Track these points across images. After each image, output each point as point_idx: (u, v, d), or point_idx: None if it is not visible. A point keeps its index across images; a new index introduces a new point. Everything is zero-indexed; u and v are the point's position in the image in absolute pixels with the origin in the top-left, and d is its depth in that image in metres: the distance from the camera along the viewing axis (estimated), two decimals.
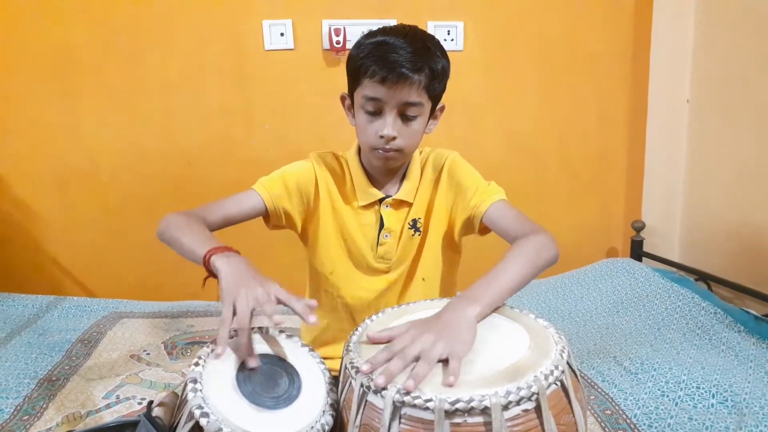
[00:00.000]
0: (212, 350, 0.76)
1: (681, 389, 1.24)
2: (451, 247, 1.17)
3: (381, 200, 1.11)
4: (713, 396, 1.21)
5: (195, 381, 0.69)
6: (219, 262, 0.84)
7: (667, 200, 2.23)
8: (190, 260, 0.91)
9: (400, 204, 1.12)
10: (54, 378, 1.33)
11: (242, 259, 0.86)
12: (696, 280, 1.97)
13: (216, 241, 0.90)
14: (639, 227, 2.20)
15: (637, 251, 2.21)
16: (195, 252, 0.89)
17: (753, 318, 1.56)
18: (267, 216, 1.10)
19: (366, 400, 0.71)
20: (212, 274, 0.86)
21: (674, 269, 2.09)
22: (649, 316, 1.69)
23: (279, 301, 0.79)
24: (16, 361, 1.39)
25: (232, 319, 0.76)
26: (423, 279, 1.14)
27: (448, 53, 1.04)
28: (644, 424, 1.14)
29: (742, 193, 1.91)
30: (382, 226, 1.12)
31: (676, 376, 1.29)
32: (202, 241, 0.90)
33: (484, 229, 1.09)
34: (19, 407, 1.19)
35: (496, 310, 0.87)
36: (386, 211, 1.11)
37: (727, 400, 1.19)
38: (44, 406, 1.20)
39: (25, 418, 1.15)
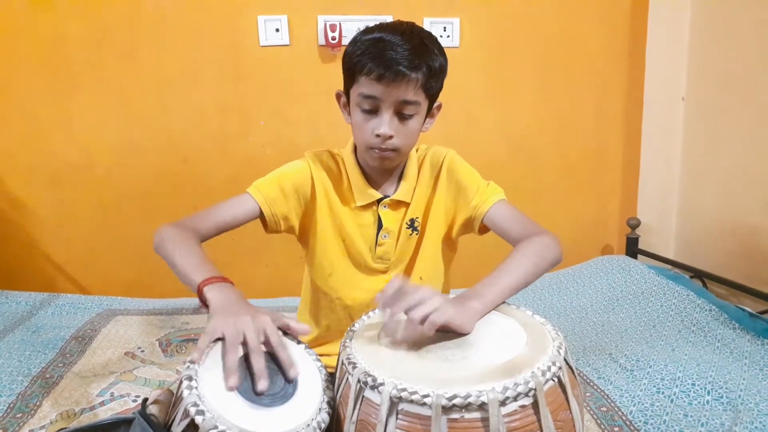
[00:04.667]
0: (209, 347, 0.75)
1: (676, 386, 1.24)
2: (448, 245, 1.17)
3: (379, 200, 1.11)
4: (709, 393, 1.21)
5: (190, 378, 0.69)
6: (211, 293, 0.83)
7: (662, 198, 2.24)
8: (184, 284, 0.89)
9: (398, 204, 1.11)
10: (48, 375, 1.32)
11: (234, 292, 0.84)
12: (691, 277, 1.97)
13: (210, 268, 0.88)
14: (634, 224, 2.21)
15: (632, 248, 2.22)
16: (190, 279, 0.87)
17: (748, 315, 1.56)
18: (264, 221, 1.09)
19: (363, 396, 0.71)
20: (204, 303, 0.84)
21: (669, 266, 2.10)
22: (644, 313, 1.70)
23: (266, 340, 0.76)
24: (10, 359, 1.38)
25: (215, 336, 0.75)
26: (420, 278, 1.13)
27: (444, 50, 1.03)
28: (640, 421, 1.14)
29: (737, 190, 1.91)
30: (380, 226, 1.11)
31: (672, 373, 1.29)
32: (196, 268, 0.88)
33: (484, 229, 1.09)
34: (12, 405, 1.18)
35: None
36: (384, 212, 1.11)
37: (722, 397, 1.19)
38: (38, 403, 1.19)
39: (19, 415, 1.14)
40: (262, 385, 0.71)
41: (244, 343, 0.74)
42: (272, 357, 0.77)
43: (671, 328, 1.58)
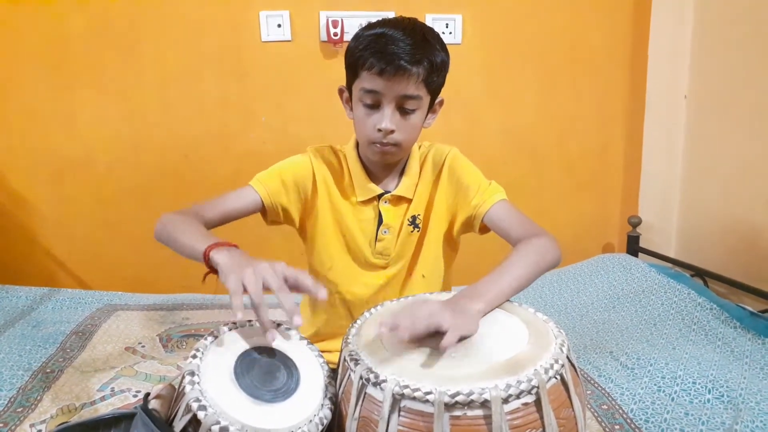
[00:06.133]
0: (211, 342, 0.75)
1: (677, 384, 1.25)
2: (449, 244, 1.16)
3: (380, 196, 1.11)
4: (709, 391, 1.21)
5: (192, 374, 0.69)
6: (219, 255, 0.82)
7: (663, 196, 2.24)
8: (189, 257, 0.89)
9: (399, 200, 1.11)
10: (48, 370, 1.32)
11: (242, 252, 0.85)
12: (692, 275, 1.97)
13: (214, 238, 0.89)
14: (635, 223, 2.21)
15: (633, 247, 2.22)
16: (194, 248, 0.87)
17: (749, 314, 1.56)
18: (264, 212, 1.10)
19: (365, 393, 0.71)
20: (212, 269, 0.84)
21: (670, 265, 2.10)
22: (645, 311, 1.70)
23: (286, 279, 0.77)
24: (10, 353, 1.38)
25: (241, 290, 0.75)
26: (423, 276, 1.13)
27: (446, 46, 1.03)
28: (641, 419, 1.14)
29: (738, 189, 1.91)
30: (380, 221, 1.11)
31: (672, 372, 1.29)
32: (199, 238, 0.88)
33: (484, 229, 1.09)
34: (13, 399, 1.18)
35: None
36: (385, 207, 1.11)
37: (723, 396, 1.19)
38: (38, 398, 1.19)
39: (20, 409, 1.14)
40: (297, 320, 0.76)
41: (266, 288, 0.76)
42: (276, 353, 0.77)
43: (672, 326, 1.58)
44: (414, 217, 1.11)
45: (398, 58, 0.93)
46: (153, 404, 0.73)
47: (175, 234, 0.93)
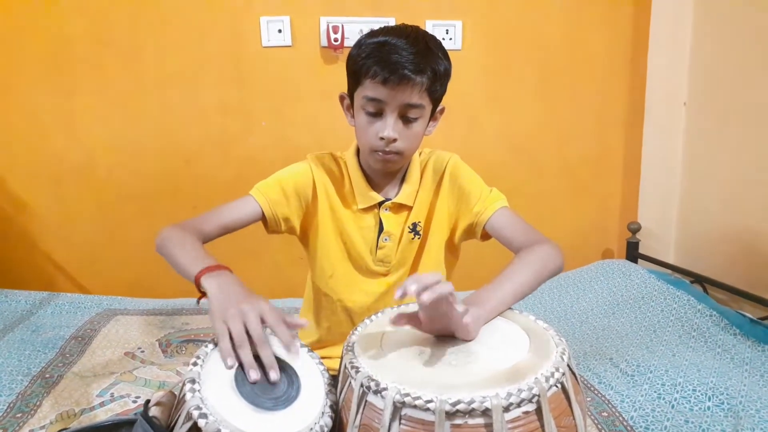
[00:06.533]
0: (212, 349, 0.75)
1: (677, 392, 1.24)
2: (450, 250, 1.17)
3: (380, 203, 1.11)
4: (709, 399, 1.21)
5: (193, 381, 0.69)
6: (208, 282, 0.83)
7: (663, 202, 2.24)
8: (184, 277, 0.90)
9: (399, 207, 1.11)
10: (47, 375, 1.32)
11: (232, 279, 0.85)
12: (692, 282, 1.97)
13: (209, 260, 0.89)
14: (635, 229, 2.21)
15: (632, 253, 2.22)
16: (187, 271, 0.88)
17: (749, 321, 1.56)
18: (265, 222, 1.09)
19: (366, 401, 0.70)
20: (203, 294, 0.85)
21: (670, 271, 2.10)
22: (644, 318, 1.70)
23: (264, 323, 0.77)
24: (9, 358, 1.38)
25: (227, 333, 0.75)
26: None
27: (448, 54, 1.03)
28: (641, 427, 1.14)
29: (738, 195, 1.91)
30: (381, 229, 1.11)
31: (672, 379, 1.29)
32: (194, 260, 0.89)
33: (486, 236, 1.09)
34: (12, 404, 1.18)
35: None
36: (386, 215, 1.11)
37: (723, 403, 1.19)
38: (38, 403, 1.19)
39: (19, 415, 1.14)
40: (273, 375, 0.73)
41: (250, 335, 0.75)
42: (277, 361, 0.77)
43: (672, 333, 1.58)
44: (414, 225, 1.12)
45: (402, 67, 0.93)
46: (153, 411, 0.73)
47: (172, 251, 0.93)
